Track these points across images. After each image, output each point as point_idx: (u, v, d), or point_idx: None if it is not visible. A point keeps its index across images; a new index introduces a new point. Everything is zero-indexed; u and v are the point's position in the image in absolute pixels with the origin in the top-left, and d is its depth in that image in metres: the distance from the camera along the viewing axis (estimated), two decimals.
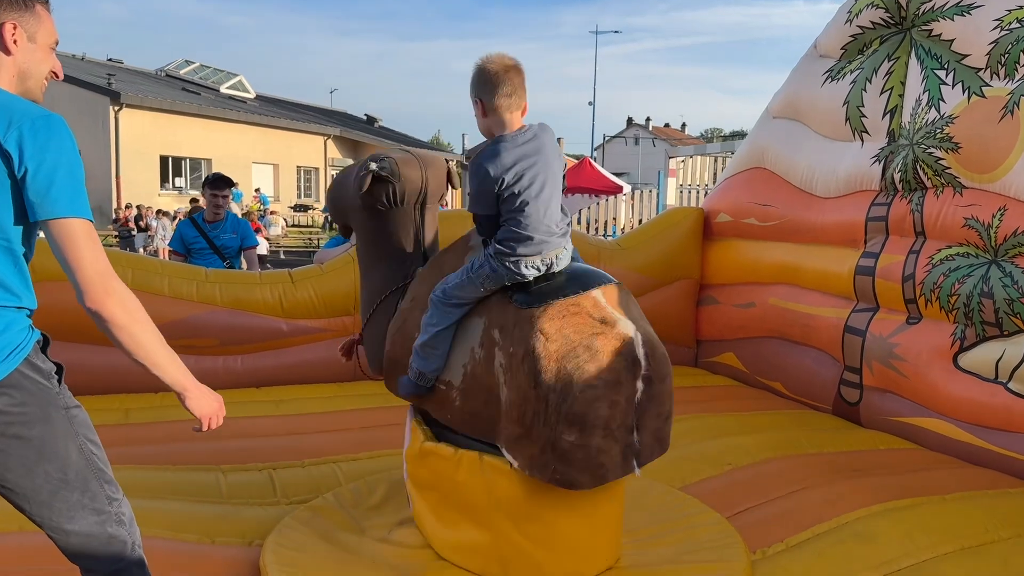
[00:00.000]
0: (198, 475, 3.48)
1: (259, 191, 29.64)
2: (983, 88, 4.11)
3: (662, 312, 5.46)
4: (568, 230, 2.61)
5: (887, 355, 4.37)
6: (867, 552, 2.84)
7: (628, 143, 57.77)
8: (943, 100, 4.31)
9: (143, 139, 26.74)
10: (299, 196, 34.07)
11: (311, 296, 5.05)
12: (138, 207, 22.60)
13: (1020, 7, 4.02)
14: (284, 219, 27.39)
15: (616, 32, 66.94)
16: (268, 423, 4.29)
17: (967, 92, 4.18)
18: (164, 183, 28.64)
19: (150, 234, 20.02)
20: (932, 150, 4.26)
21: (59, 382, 1.98)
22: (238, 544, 2.87)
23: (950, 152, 4.16)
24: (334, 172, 32.62)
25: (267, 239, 18.68)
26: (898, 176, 4.47)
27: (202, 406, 2.06)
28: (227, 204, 5.90)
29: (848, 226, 4.80)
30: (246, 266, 5.99)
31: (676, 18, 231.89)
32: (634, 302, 2.65)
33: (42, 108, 1.91)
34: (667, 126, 70.89)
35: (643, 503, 3.18)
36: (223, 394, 5.18)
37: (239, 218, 6.24)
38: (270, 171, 32.70)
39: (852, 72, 4.99)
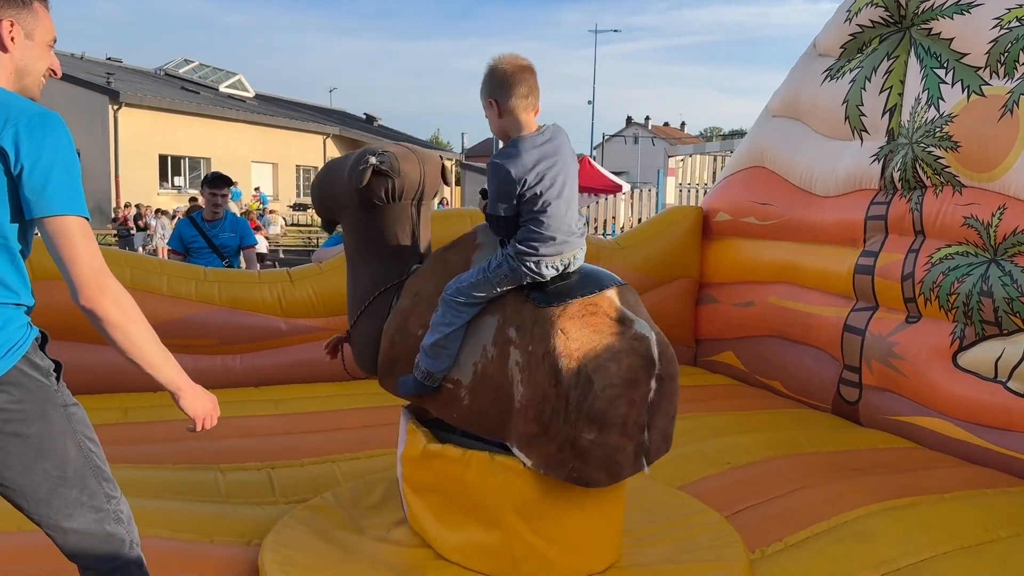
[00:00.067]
0: (197, 474, 3.47)
1: (258, 190, 29.63)
2: (982, 87, 4.11)
3: (661, 311, 5.43)
4: (585, 230, 2.62)
5: (886, 354, 4.37)
6: (866, 551, 2.84)
7: (627, 142, 57.74)
8: (942, 99, 4.31)
9: (142, 138, 26.74)
10: (298, 195, 34.07)
11: (310, 295, 5.05)
12: (137, 206, 22.59)
13: (1020, 5, 4.02)
14: (283, 218, 27.40)
15: (615, 31, 66.95)
16: (267, 422, 4.28)
17: (966, 91, 4.18)
18: (163, 182, 28.65)
19: (149, 233, 20.00)
20: (931, 149, 4.25)
21: (57, 379, 1.98)
22: (236, 543, 2.87)
23: (949, 151, 4.16)
24: None
25: (266, 238, 18.69)
26: (897, 175, 4.46)
27: (196, 406, 2.06)
28: (226, 203, 5.90)
29: (847, 225, 4.80)
30: (245, 265, 5.99)
31: (675, 17, 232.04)
32: (641, 303, 2.68)
33: (39, 105, 1.91)
34: (666, 125, 70.89)
35: (642, 502, 3.18)
36: (221, 393, 5.16)
37: (238, 217, 6.25)
38: (269, 170, 32.71)
39: (851, 71, 4.99)
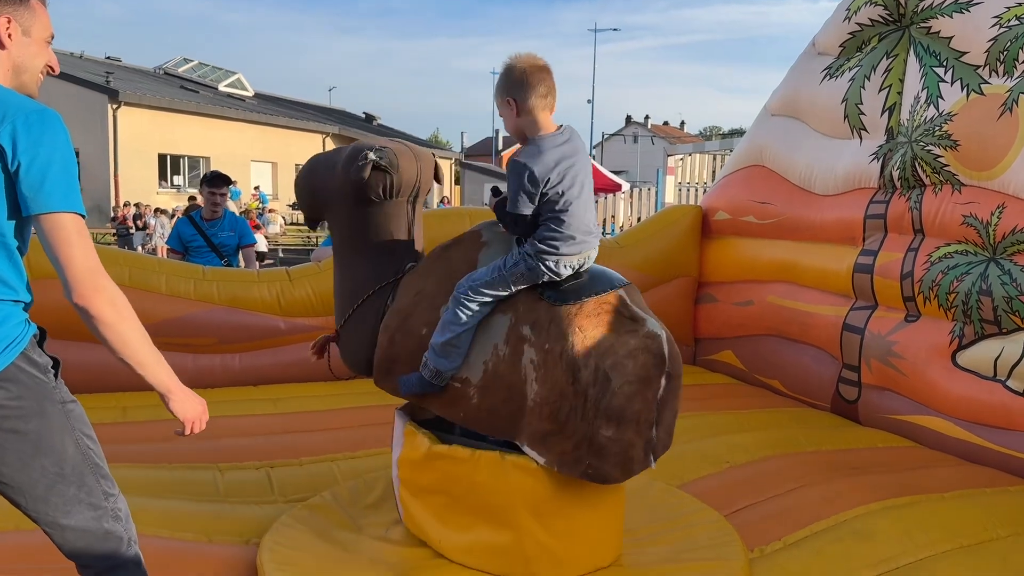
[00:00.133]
0: (195, 473, 3.47)
1: (258, 189, 29.63)
2: (982, 85, 4.11)
3: (660, 310, 5.37)
4: (599, 231, 2.64)
5: (885, 353, 4.37)
6: (865, 550, 2.84)
7: (627, 141, 57.77)
8: (942, 97, 4.31)
9: (141, 137, 26.72)
10: None
11: (309, 294, 5.04)
12: (136, 205, 22.58)
13: (1019, 4, 4.02)
14: (283, 217, 27.39)
15: (615, 30, 66.59)
16: (266, 421, 4.28)
17: (966, 89, 4.18)
18: (162, 181, 28.63)
19: (148, 232, 19.99)
20: (931, 148, 4.25)
21: (55, 376, 1.98)
22: (235, 543, 2.86)
23: (949, 150, 4.15)
24: None
25: (266, 237, 18.68)
26: (897, 174, 4.46)
27: (186, 409, 2.05)
28: (225, 202, 5.90)
29: (847, 224, 4.79)
30: (244, 264, 5.98)
31: (675, 16, 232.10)
32: (645, 303, 2.71)
33: (37, 102, 1.91)
34: (666, 124, 70.96)
35: (642, 502, 3.18)
36: (220, 392, 5.17)
37: (236, 216, 6.25)
38: (268, 169, 32.69)
39: (851, 69, 4.98)
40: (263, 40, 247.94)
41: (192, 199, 20.50)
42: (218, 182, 5.81)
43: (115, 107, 25.93)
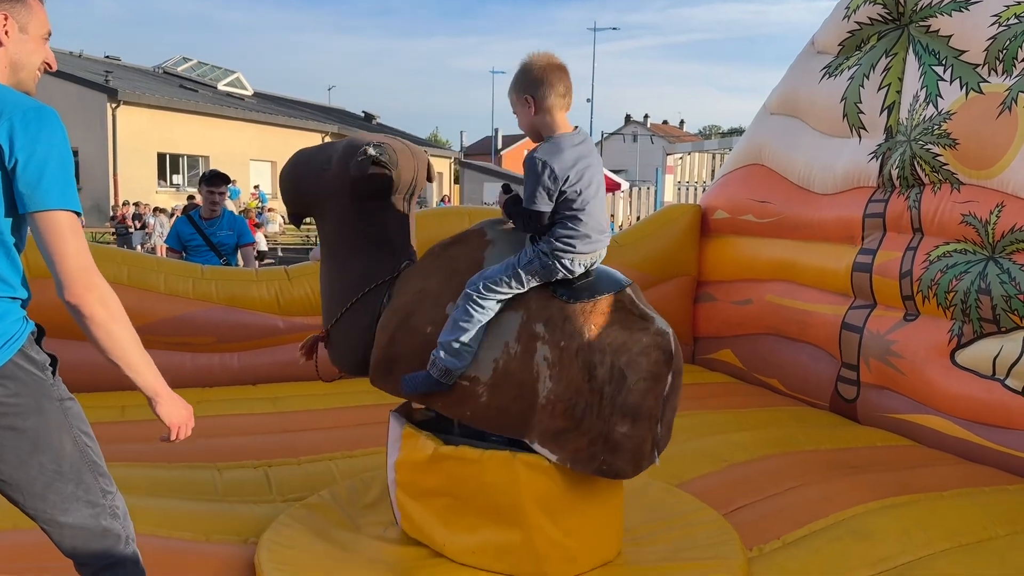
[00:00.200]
0: (194, 472, 3.47)
1: (257, 188, 29.60)
2: (981, 84, 4.10)
3: (659, 309, 5.32)
4: (611, 231, 2.66)
5: (884, 352, 4.36)
6: (864, 549, 2.84)
7: (626, 140, 57.72)
8: (941, 96, 4.30)
9: (141, 136, 26.70)
10: None
11: (308, 293, 5.04)
12: (136, 204, 22.57)
13: (1018, 2, 4.02)
14: (282, 216, 27.34)
15: (614, 29, 66.85)
16: (264, 420, 4.28)
17: (965, 88, 4.18)
18: (161, 180, 28.61)
19: (148, 231, 19.98)
20: (930, 146, 4.25)
21: (53, 373, 1.98)
22: (233, 542, 2.86)
23: (948, 148, 4.15)
24: None
25: (265, 236, 18.67)
26: (896, 172, 4.46)
27: (173, 413, 2.05)
28: (223, 201, 5.89)
29: (845, 222, 4.79)
30: (242, 263, 5.98)
31: (674, 15, 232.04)
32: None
33: (34, 100, 1.91)
34: (665, 123, 70.94)
35: (640, 501, 3.18)
36: (219, 391, 5.16)
37: (235, 215, 6.24)
38: (268, 168, 32.64)
39: (850, 68, 4.98)
40: (262, 39, 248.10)
41: (191, 198, 20.48)
42: (217, 181, 5.81)
43: (114, 106, 25.91)
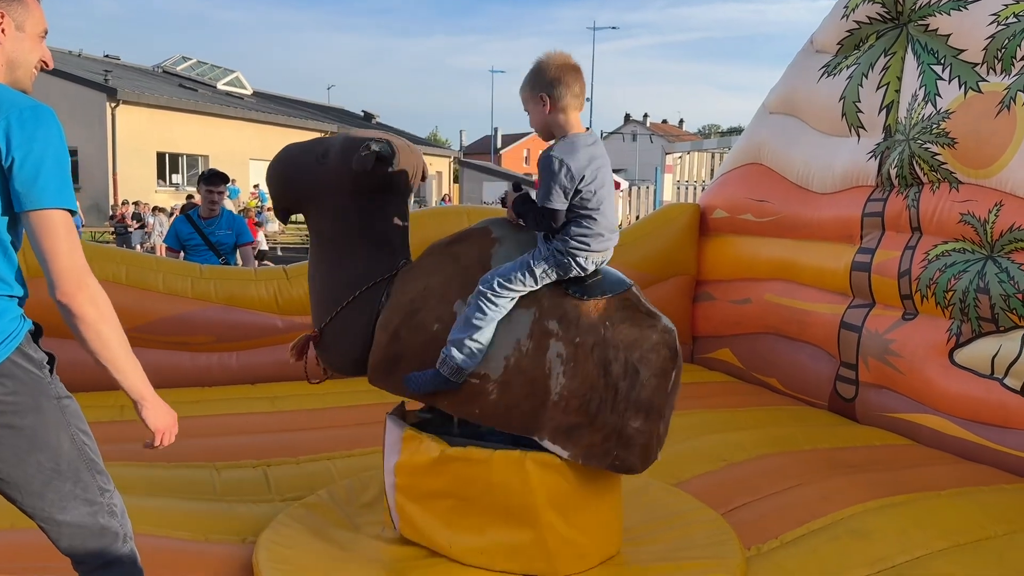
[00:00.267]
0: (192, 472, 3.47)
1: (257, 187, 29.57)
2: (980, 83, 4.10)
3: (658, 308, 5.44)
4: (618, 231, 2.70)
5: (883, 351, 4.36)
6: (862, 548, 2.84)
7: (625, 139, 57.72)
8: (939, 95, 4.30)
9: (140, 135, 26.68)
10: None
11: (306, 292, 5.02)
12: (135, 204, 22.55)
13: (1017, 1, 4.01)
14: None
15: (613, 28, 66.70)
16: (262, 420, 4.28)
17: (963, 87, 4.17)
18: (161, 180, 28.59)
19: (147, 231, 19.97)
20: (928, 145, 4.25)
21: (51, 372, 1.98)
22: (232, 541, 2.86)
23: (946, 147, 4.15)
24: None
25: (265, 235, 18.65)
26: (894, 172, 4.46)
27: (158, 418, 2.04)
28: (222, 200, 5.89)
29: (844, 222, 4.79)
30: (241, 262, 5.97)
31: (673, 14, 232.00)
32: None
33: (31, 98, 1.91)
34: (664, 122, 71.02)
35: (639, 500, 3.18)
36: (218, 391, 5.15)
37: (234, 214, 6.23)
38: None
39: (848, 67, 4.98)
40: (262, 38, 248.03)
41: (189, 197, 20.46)
42: (216, 180, 5.81)
43: (114, 105, 25.88)
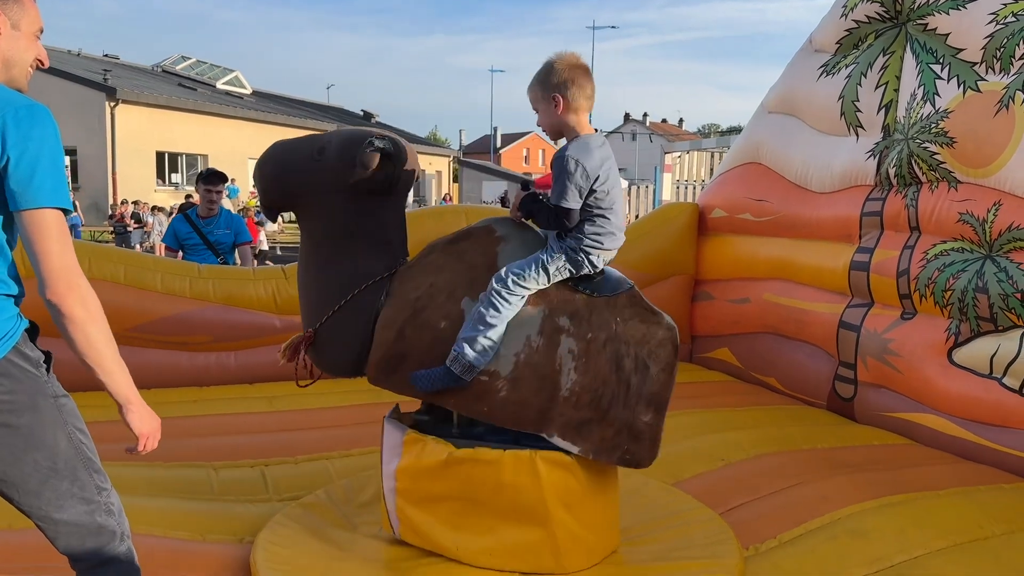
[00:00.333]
0: (189, 472, 3.46)
1: None
2: (978, 82, 4.10)
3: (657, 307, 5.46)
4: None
5: (882, 350, 4.36)
6: (860, 548, 2.84)
7: (625, 139, 57.73)
8: (938, 95, 4.30)
9: (139, 135, 26.68)
10: None
11: None
12: (134, 203, 22.54)
13: (1016, 0, 4.01)
14: (281, 215, 27.34)
15: (613, 27, 66.68)
16: (260, 419, 4.27)
17: (962, 86, 4.17)
18: (160, 179, 28.58)
19: (146, 230, 19.96)
20: (927, 145, 4.24)
21: (47, 370, 1.98)
22: (229, 541, 2.86)
23: (945, 147, 4.15)
24: None
25: (265, 235, 18.64)
26: (893, 171, 4.46)
27: (143, 422, 2.04)
28: (220, 199, 5.89)
29: (843, 221, 4.79)
30: (240, 262, 5.97)
31: (672, 13, 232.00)
32: None
33: (27, 97, 1.90)
34: (664, 122, 71.05)
35: (637, 500, 3.18)
36: (215, 391, 5.14)
37: (232, 214, 6.23)
38: None
39: (847, 67, 4.98)
40: (261, 38, 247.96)
41: (188, 197, 20.45)
42: (214, 179, 5.81)
43: (113, 105, 25.88)
